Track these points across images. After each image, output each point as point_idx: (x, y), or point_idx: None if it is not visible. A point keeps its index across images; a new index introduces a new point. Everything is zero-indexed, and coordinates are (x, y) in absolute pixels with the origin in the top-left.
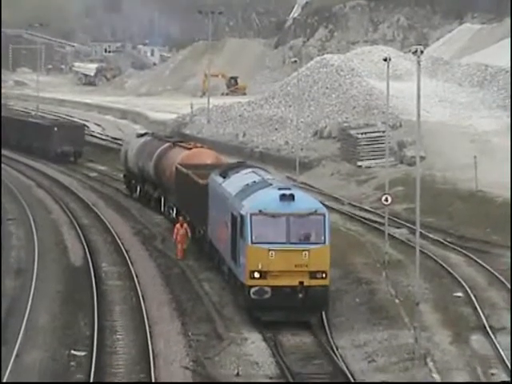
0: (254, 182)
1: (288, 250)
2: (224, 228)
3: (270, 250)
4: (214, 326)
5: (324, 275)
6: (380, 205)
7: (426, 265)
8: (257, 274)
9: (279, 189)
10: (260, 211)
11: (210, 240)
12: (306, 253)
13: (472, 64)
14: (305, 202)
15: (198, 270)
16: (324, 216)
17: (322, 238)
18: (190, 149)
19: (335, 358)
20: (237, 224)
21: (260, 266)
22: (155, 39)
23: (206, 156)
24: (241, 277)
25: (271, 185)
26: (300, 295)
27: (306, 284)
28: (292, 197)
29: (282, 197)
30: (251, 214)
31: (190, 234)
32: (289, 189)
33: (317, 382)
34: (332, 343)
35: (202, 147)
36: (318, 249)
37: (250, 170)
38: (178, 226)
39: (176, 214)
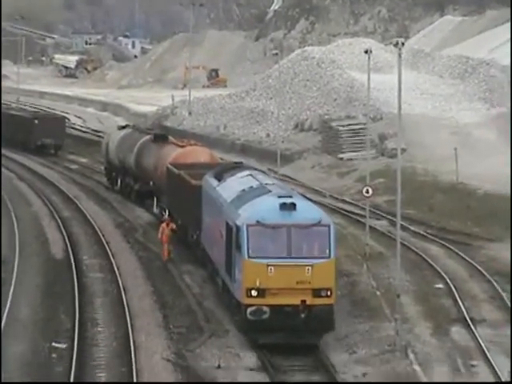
0: (251, 187)
1: (289, 266)
2: (218, 237)
3: (268, 265)
4: (196, 319)
5: (329, 293)
6: (361, 197)
7: (406, 257)
8: (254, 292)
9: (279, 196)
10: (258, 222)
11: (204, 247)
12: (309, 268)
13: (453, 56)
14: (307, 211)
15: (179, 263)
16: (329, 227)
17: (327, 251)
18: (183, 146)
19: (316, 350)
20: (232, 235)
21: (258, 283)
22: (136, 31)
23: (200, 154)
24: (236, 294)
25: (270, 191)
26: (302, 315)
27: (308, 303)
28: (293, 206)
29: (283, 206)
30: (248, 225)
31: (174, 227)
32: (290, 196)
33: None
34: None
35: (195, 145)
36: (323, 264)
37: (246, 172)
38: (163, 225)
39: (169, 215)
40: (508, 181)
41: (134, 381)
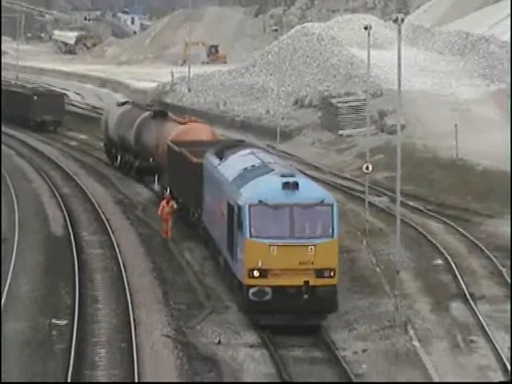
0: (253, 166)
1: (291, 246)
2: (220, 216)
3: (271, 245)
4: (196, 295)
5: (332, 273)
6: (361, 173)
7: (406, 233)
8: (256, 273)
9: (281, 176)
10: (260, 201)
11: (205, 226)
12: (312, 248)
13: (452, 32)
14: (310, 190)
15: (179, 239)
16: (332, 206)
17: (330, 231)
18: (184, 123)
19: (317, 328)
20: (234, 215)
21: (260, 264)
22: (135, 7)
23: (202, 132)
24: (238, 275)
25: (273, 170)
26: (305, 296)
27: (311, 284)
28: (296, 185)
29: (285, 185)
30: (250, 205)
31: (175, 207)
32: (292, 176)
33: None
34: None
35: (196, 122)
36: (326, 244)
37: (248, 150)
38: (163, 202)
39: (170, 193)
40: (507, 157)
41: (135, 357)
